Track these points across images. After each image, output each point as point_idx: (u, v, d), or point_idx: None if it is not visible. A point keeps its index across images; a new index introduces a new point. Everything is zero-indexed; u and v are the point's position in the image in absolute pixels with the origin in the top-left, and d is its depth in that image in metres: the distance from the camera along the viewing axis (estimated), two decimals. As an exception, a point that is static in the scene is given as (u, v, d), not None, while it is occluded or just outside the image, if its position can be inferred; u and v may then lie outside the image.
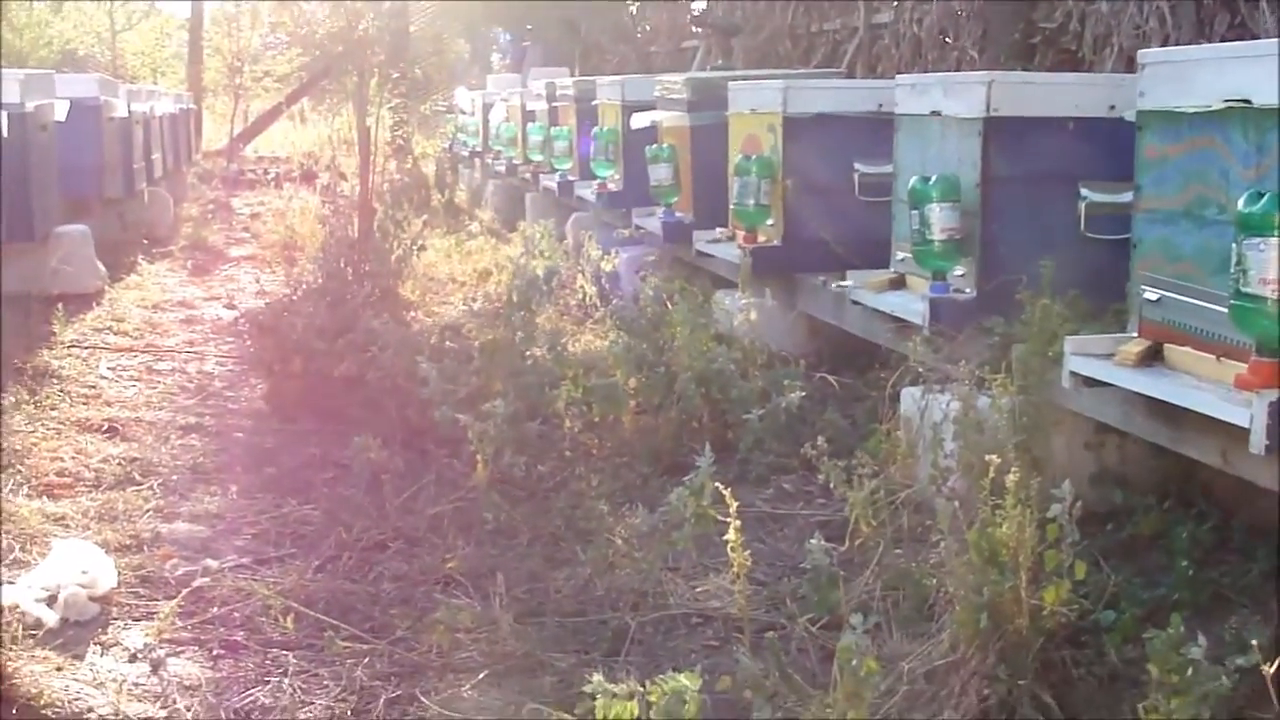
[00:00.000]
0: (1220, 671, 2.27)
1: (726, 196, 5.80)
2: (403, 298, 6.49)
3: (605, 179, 7.85)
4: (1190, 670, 2.26)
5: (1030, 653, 2.62)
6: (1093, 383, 3.30)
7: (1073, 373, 3.32)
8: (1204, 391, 2.98)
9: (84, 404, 5.17)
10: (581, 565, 3.49)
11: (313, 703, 2.83)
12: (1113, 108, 4.11)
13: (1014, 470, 2.66)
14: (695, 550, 3.36)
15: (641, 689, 2.28)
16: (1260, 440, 2.68)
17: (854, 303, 4.83)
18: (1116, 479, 3.53)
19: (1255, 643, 2.34)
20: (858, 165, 5.33)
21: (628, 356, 4.74)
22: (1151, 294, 3.27)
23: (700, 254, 6.22)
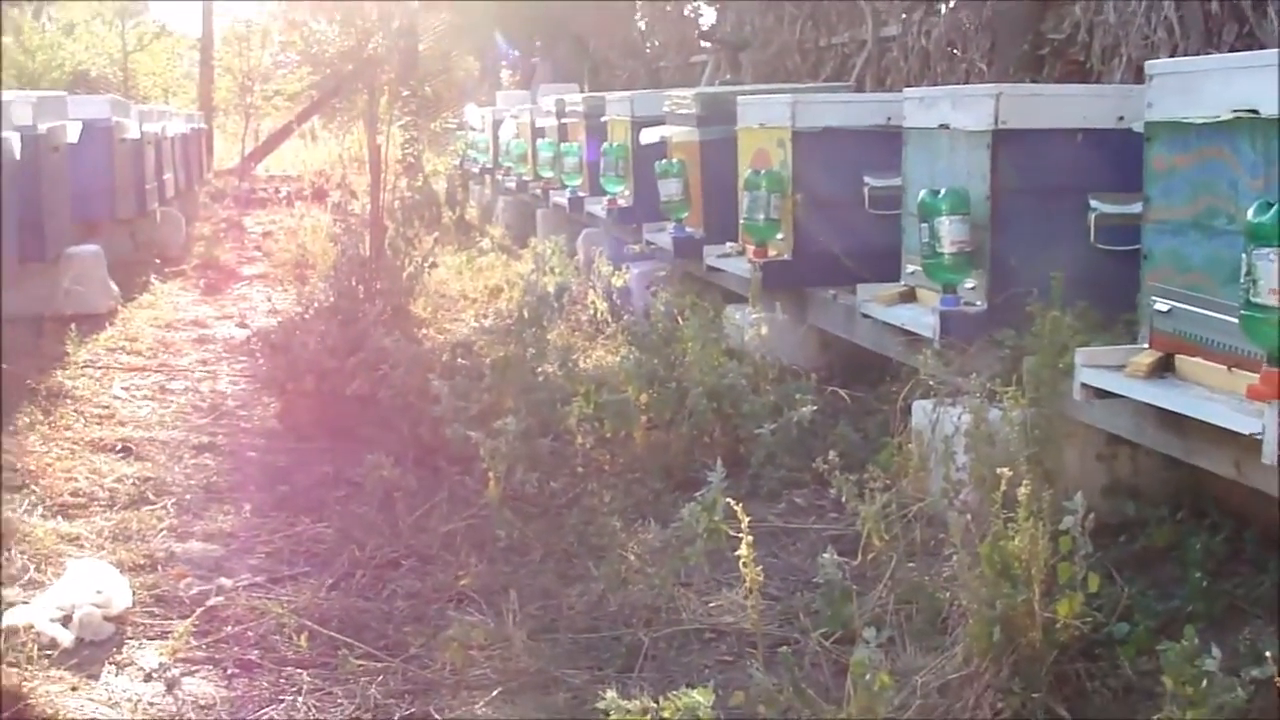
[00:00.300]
0: (1235, 683, 2.27)
1: (736, 211, 5.80)
2: (414, 315, 6.51)
3: (615, 194, 7.85)
4: (1205, 682, 2.26)
5: (1044, 666, 2.62)
6: (1104, 394, 3.30)
7: (1084, 384, 3.32)
8: (1215, 402, 2.98)
9: (98, 424, 5.19)
10: (594, 581, 3.50)
11: (327, 721, 2.84)
12: (1121, 119, 4.11)
13: (1026, 483, 2.67)
14: (708, 565, 3.35)
15: (655, 705, 2.29)
16: (1272, 450, 2.68)
17: (864, 316, 4.83)
18: (1129, 491, 3.53)
19: (1269, 654, 2.34)
20: (867, 179, 5.34)
21: (639, 372, 4.75)
22: (1162, 305, 3.27)
23: (711, 269, 6.22)
